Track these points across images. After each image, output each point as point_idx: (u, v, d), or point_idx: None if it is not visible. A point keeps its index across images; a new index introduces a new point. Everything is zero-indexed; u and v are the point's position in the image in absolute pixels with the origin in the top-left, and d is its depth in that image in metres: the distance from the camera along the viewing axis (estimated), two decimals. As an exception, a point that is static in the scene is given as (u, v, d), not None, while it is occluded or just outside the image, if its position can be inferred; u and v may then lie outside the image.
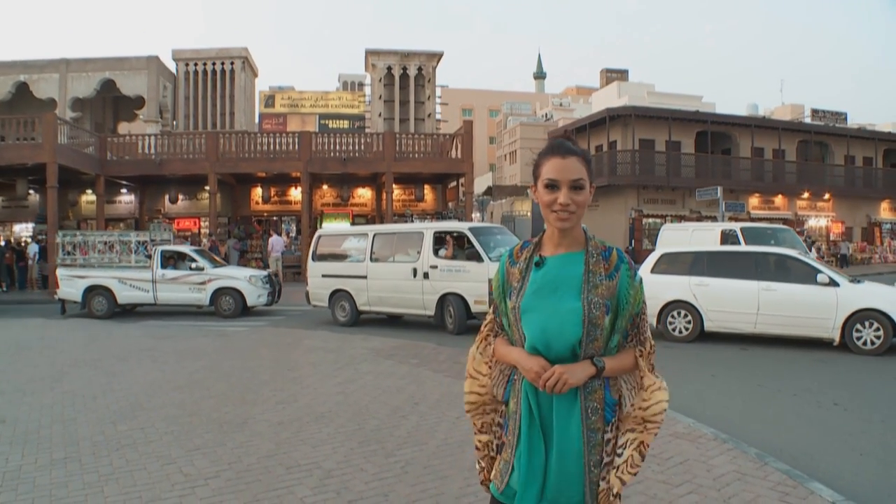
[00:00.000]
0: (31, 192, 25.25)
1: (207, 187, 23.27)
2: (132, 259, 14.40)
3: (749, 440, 5.04)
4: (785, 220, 29.79)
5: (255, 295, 13.99)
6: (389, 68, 32.84)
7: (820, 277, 9.07)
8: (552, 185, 1.82)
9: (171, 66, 32.37)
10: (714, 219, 25.87)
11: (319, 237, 13.41)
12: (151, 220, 26.03)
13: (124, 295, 14.22)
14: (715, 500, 3.81)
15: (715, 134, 31.38)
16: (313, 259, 13.12)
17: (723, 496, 3.86)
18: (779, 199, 32.32)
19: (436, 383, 6.85)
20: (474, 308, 10.54)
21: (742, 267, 9.76)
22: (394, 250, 11.89)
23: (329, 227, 21.10)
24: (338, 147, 23.77)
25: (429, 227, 11.60)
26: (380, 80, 32.93)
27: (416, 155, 24.35)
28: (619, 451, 1.86)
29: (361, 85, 39.49)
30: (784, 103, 50.66)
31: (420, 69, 33.01)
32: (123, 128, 34.44)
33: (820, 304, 9.01)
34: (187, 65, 32.63)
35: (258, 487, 4.00)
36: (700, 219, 28.20)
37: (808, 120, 40.92)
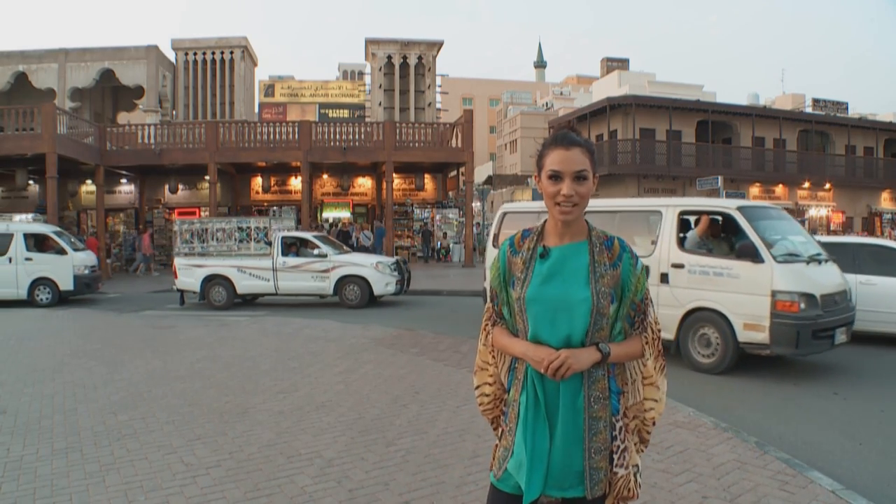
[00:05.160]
0: (30, 182, 25.21)
1: (207, 177, 23.23)
2: (252, 246, 13.90)
3: (749, 429, 5.05)
4: (785, 210, 29.73)
5: (382, 283, 13.31)
6: (389, 57, 32.68)
7: None
8: (555, 177, 1.83)
9: (171, 55, 32.19)
10: (715, 208, 25.77)
11: (504, 215, 10.17)
12: (151, 211, 26.03)
13: (244, 284, 13.59)
14: (715, 488, 3.82)
15: (716, 123, 31.27)
16: (494, 245, 10.12)
17: (723, 485, 3.87)
18: (779, 189, 32.24)
19: (436, 372, 6.86)
20: (743, 336, 6.87)
21: (838, 259, 8.79)
22: None
23: (514, 204, 15.90)
24: (338, 136, 23.70)
25: (671, 205, 7.88)
26: (380, 69, 32.77)
27: (417, 144, 24.29)
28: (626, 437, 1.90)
29: (361, 74, 39.31)
30: (785, 93, 50.54)
31: (420, 58, 32.85)
32: (123, 118, 34.32)
33: None
34: (186, 54, 32.45)
35: (259, 476, 4.02)
36: (700, 208, 28.12)
37: (808, 109, 40.77)
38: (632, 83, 39.01)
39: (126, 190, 26.26)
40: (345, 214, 26.60)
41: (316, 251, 13.62)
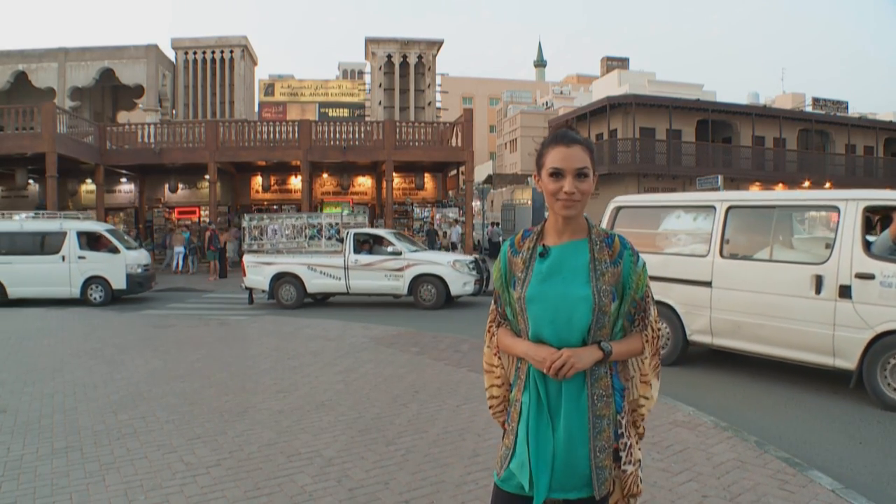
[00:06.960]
0: (30, 181, 25.18)
1: (207, 176, 23.20)
2: (322, 244, 13.56)
3: (749, 428, 5.06)
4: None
5: (459, 283, 12.74)
6: (389, 56, 32.68)
7: None
8: (557, 174, 1.83)
9: (171, 54, 32.18)
10: (715, 207, 25.76)
11: (619, 210, 8.20)
12: (151, 210, 26.03)
13: (314, 283, 13.14)
14: (715, 487, 3.82)
15: (716, 122, 31.27)
16: None
17: (723, 484, 3.87)
18: (779, 188, 32.26)
19: (436, 371, 6.86)
20: None
21: None
22: (770, 238, 6.91)
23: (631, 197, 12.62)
24: (338, 135, 23.68)
25: (853, 199, 6.18)
26: (379, 68, 32.76)
27: (417, 143, 24.28)
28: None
29: (361, 73, 39.32)
30: (785, 92, 50.53)
31: (420, 57, 32.85)
32: (123, 117, 34.28)
33: None
34: (186, 53, 32.42)
35: (259, 476, 4.02)
36: (701, 207, 28.12)
37: (808, 108, 40.80)
38: (632, 82, 38.95)
39: (126, 189, 26.25)
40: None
41: (390, 248, 13.11)
